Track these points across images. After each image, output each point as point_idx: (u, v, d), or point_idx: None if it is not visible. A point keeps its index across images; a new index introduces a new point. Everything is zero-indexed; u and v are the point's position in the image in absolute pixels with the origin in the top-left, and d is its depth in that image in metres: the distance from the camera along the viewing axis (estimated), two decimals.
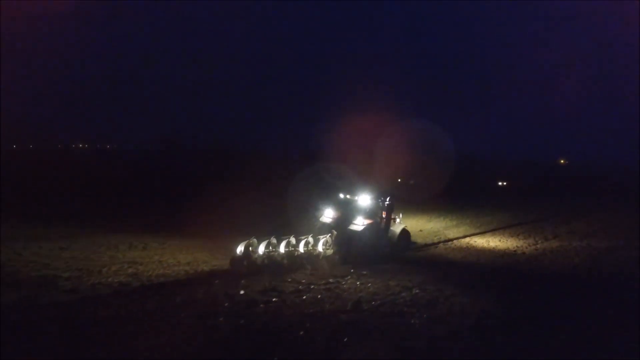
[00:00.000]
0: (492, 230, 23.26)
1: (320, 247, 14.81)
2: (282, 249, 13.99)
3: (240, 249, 13.38)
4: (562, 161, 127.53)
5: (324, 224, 16.57)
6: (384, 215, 17.03)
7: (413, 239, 21.04)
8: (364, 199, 16.64)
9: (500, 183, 55.31)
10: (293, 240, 14.67)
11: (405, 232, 17.86)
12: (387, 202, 16.98)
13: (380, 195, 17.00)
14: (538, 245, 18.94)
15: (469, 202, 37.74)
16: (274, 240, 14.25)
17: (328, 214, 16.84)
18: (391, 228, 17.49)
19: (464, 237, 21.57)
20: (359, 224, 15.71)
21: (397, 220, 18.89)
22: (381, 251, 16.14)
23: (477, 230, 23.27)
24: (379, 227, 16.59)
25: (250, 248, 13.65)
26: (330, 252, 15.39)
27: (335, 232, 15.90)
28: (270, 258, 13.87)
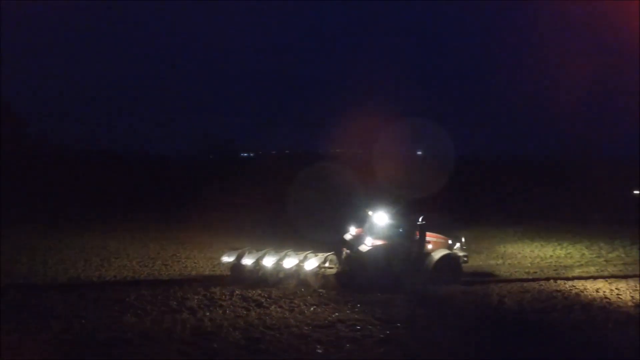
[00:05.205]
0: None
1: (312, 265, 13.76)
2: (268, 263, 13.79)
3: (227, 258, 14.03)
4: None
5: (346, 241, 15.30)
6: (417, 237, 14.40)
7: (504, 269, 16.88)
8: (380, 216, 14.42)
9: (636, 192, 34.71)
10: (292, 254, 14.27)
11: (448, 259, 14.30)
12: (420, 222, 14.27)
13: (408, 212, 14.35)
14: None
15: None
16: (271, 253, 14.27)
17: (352, 231, 15.44)
18: (431, 254, 14.52)
19: (592, 278, 15.43)
20: (367, 244, 13.85)
21: (458, 245, 15.49)
22: (402, 279, 13.69)
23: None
24: (400, 250, 14.10)
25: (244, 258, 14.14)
26: (332, 271, 14.20)
27: (347, 251, 14.53)
28: (261, 270, 13.99)
